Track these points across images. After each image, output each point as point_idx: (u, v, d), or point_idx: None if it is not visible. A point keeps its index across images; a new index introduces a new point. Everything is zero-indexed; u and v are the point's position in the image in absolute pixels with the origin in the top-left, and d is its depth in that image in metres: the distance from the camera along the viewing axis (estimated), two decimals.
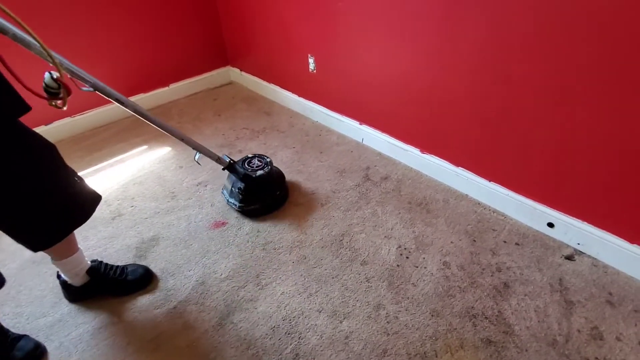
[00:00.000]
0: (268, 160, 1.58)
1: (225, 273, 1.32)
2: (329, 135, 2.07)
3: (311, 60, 2.00)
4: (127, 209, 1.62)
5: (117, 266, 1.27)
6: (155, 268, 1.35)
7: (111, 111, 2.24)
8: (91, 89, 1.02)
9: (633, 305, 1.17)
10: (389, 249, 1.39)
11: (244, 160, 1.57)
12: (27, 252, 1.28)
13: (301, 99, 2.23)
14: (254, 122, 2.23)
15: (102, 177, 1.82)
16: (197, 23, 2.41)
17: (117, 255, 1.40)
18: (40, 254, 1.06)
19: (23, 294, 1.28)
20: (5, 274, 1.02)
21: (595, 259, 1.33)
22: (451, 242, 1.41)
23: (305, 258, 1.37)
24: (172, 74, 2.44)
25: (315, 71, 2.02)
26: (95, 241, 1.46)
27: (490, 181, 1.53)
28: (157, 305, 1.23)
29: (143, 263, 1.36)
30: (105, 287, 1.23)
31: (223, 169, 1.51)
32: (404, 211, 1.55)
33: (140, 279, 1.27)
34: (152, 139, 2.09)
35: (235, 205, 1.53)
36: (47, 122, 2.06)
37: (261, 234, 1.47)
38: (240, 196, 1.51)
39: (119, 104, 1.10)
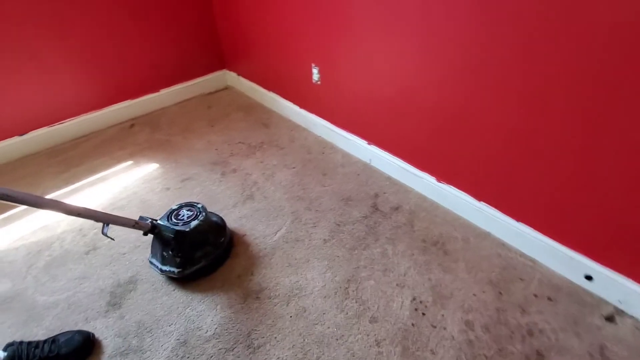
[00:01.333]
0: (200, 206, 1.29)
1: (212, 329, 1.14)
2: (334, 153, 1.87)
3: (315, 71, 1.79)
4: (103, 240, 1.42)
5: (45, 341, 1.05)
6: (130, 321, 1.16)
7: (94, 119, 2.03)
8: None
9: None
10: (402, 302, 1.21)
11: (169, 214, 1.25)
12: None
13: (303, 111, 2.02)
14: (250, 135, 2.02)
15: (79, 198, 1.63)
16: (191, 22, 2.18)
17: (87, 302, 1.21)
18: None
19: None
20: None
21: (638, 320, 1.15)
22: (474, 295, 1.22)
23: (305, 311, 1.18)
24: (163, 78, 2.23)
25: (319, 82, 1.82)
26: (65, 282, 1.27)
27: (518, 221, 1.34)
28: None
29: (117, 312, 1.18)
30: None
31: (145, 234, 1.18)
32: (418, 252, 1.37)
33: (77, 350, 1.05)
34: (138, 152, 1.90)
35: (174, 272, 1.21)
36: (21, 132, 1.85)
37: (255, 277, 1.29)
38: (178, 259, 1.20)
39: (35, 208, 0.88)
